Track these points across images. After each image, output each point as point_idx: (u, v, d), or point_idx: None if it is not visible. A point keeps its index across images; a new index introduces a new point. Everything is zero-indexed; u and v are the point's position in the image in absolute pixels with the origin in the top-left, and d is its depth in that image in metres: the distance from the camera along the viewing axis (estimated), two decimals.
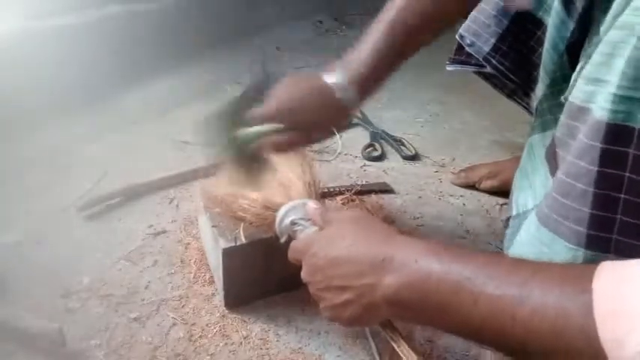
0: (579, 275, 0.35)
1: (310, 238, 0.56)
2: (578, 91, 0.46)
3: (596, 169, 0.43)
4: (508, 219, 0.64)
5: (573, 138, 0.47)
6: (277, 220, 0.62)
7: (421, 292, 0.42)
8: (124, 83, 1.31)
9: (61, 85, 1.14)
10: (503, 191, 0.96)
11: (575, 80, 0.48)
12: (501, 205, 0.95)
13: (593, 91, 0.44)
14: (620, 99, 0.40)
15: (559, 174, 0.48)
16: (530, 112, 0.87)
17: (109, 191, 0.90)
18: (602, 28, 0.45)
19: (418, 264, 0.43)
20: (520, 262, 0.41)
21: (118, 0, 1.39)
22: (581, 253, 0.45)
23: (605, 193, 0.43)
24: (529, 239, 0.53)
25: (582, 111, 0.45)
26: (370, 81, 0.66)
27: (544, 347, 0.35)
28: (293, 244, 0.58)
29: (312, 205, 0.60)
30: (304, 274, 0.53)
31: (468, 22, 0.85)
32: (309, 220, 0.61)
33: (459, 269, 0.41)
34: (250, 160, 0.65)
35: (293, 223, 0.61)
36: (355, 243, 0.49)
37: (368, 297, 0.46)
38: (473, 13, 0.84)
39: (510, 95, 0.92)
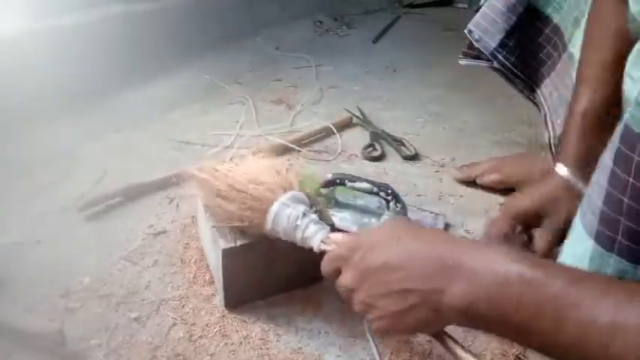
0: None
1: (352, 241, 0.50)
2: (627, 85, 0.45)
3: (611, 166, 0.42)
4: None
5: None
6: (272, 213, 0.60)
7: (497, 309, 0.38)
8: (124, 83, 1.32)
9: (61, 85, 1.14)
10: (504, 187, 0.96)
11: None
12: (501, 205, 0.95)
13: (631, 88, 0.43)
14: (638, 103, 0.39)
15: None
16: (540, 109, 0.87)
17: (109, 191, 0.90)
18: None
19: (494, 274, 0.38)
20: (611, 282, 0.37)
21: (118, 0, 1.39)
22: (590, 244, 0.44)
23: (613, 192, 0.42)
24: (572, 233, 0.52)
25: (627, 103, 0.44)
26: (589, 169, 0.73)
27: None
28: (332, 252, 0.53)
29: (334, 233, 0.57)
30: (348, 281, 0.48)
31: (477, 17, 0.84)
32: (315, 213, 0.59)
33: (542, 284, 0.36)
34: None
35: (304, 215, 0.58)
36: (413, 243, 0.44)
37: (435, 302, 0.41)
38: (483, 9, 0.83)
39: (522, 91, 0.92)
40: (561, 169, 0.72)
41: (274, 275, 0.70)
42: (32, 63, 1.12)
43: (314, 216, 0.61)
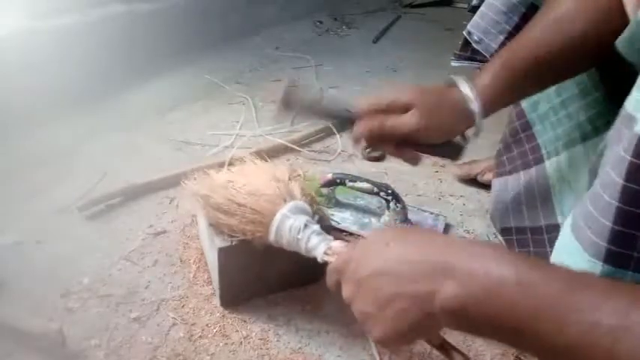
0: None
1: (346, 253, 0.50)
2: (631, 97, 0.43)
3: (622, 182, 0.40)
4: (550, 225, 0.63)
5: (618, 143, 0.45)
6: (274, 225, 0.60)
7: (491, 308, 0.36)
8: (124, 83, 1.32)
9: (61, 85, 1.14)
10: None
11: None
12: None
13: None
14: None
15: (595, 180, 0.46)
16: None
17: (109, 191, 0.90)
18: None
19: (488, 274, 0.37)
20: (617, 284, 0.35)
21: (118, 0, 1.39)
22: (598, 267, 0.43)
23: (628, 209, 0.40)
24: (561, 244, 0.50)
25: (630, 119, 0.43)
26: (495, 102, 0.64)
27: None
28: (331, 265, 0.53)
29: (336, 242, 0.57)
30: (346, 293, 0.47)
31: (476, 18, 0.84)
32: (317, 224, 0.59)
33: (539, 284, 0.35)
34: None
35: (306, 226, 0.58)
36: (402, 248, 0.43)
37: (427, 305, 0.39)
38: (482, 9, 0.83)
39: None
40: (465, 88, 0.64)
41: (272, 274, 0.70)
42: (32, 63, 1.12)
43: (316, 227, 0.60)
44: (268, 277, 0.71)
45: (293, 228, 0.59)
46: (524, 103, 0.72)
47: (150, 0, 1.48)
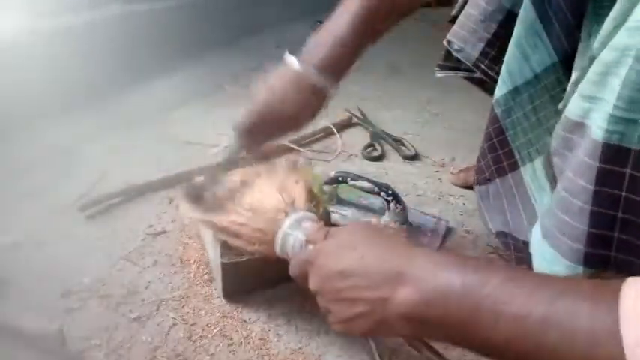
0: (607, 293, 0.32)
1: (317, 248, 0.52)
2: (573, 106, 0.46)
3: (592, 188, 0.43)
4: None
5: (570, 150, 0.47)
6: (277, 244, 0.60)
7: (439, 310, 0.39)
8: (124, 83, 1.32)
9: (61, 85, 1.14)
10: None
11: (571, 93, 0.48)
12: None
13: (589, 108, 0.44)
14: (616, 119, 0.41)
15: (559, 188, 0.48)
16: None
17: (109, 191, 0.90)
18: (595, 45, 0.45)
19: (437, 279, 0.39)
20: (546, 278, 0.37)
21: (118, 0, 1.39)
22: (580, 270, 0.45)
23: (602, 211, 0.43)
24: (538, 254, 0.52)
25: (578, 126, 0.45)
26: (342, 64, 0.70)
27: None
28: (297, 256, 0.54)
29: (309, 224, 0.57)
30: (312, 285, 0.50)
31: (455, 27, 0.85)
32: (304, 236, 0.59)
33: (480, 285, 0.37)
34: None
35: (307, 242, 0.57)
36: (367, 253, 0.45)
37: (380, 311, 0.42)
38: (460, 18, 0.84)
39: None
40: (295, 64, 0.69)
41: (273, 264, 0.70)
42: (32, 63, 1.12)
43: None
44: (270, 267, 0.70)
45: (295, 246, 0.59)
46: (498, 110, 0.73)
47: (150, 0, 1.48)
